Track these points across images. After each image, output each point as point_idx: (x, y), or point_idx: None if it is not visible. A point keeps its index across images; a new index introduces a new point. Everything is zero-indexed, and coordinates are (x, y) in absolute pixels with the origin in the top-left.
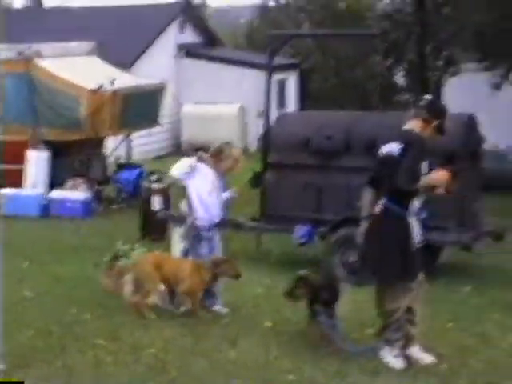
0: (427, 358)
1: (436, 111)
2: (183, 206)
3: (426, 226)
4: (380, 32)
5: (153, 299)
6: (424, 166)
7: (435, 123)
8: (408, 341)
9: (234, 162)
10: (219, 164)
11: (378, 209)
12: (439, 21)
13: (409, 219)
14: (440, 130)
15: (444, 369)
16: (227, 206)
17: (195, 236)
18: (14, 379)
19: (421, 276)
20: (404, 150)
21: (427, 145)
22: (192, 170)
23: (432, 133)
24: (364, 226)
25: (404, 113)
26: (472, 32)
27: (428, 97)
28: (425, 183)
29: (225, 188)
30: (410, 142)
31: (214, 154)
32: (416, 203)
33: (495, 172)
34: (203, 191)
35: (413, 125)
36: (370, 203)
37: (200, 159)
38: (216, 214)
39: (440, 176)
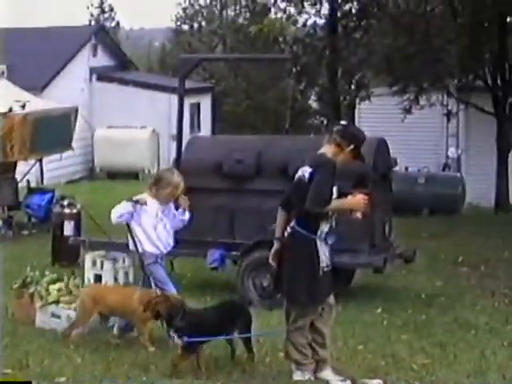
0: (339, 381)
1: (350, 137)
2: (130, 244)
3: (337, 249)
4: (291, 56)
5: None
6: (334, 189)
7: (349, 149)
8: (319, 364)
9: (173, 188)
10: (160, 192)
11: (287, 232)
12: (350, 46)
13: (317, 242)
14: (356, 155)
15: None
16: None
17: (147, 268)
18: (20, 379)
19: (331, 299)
20: (313, 174)
21: (337, 169)
22: (130, 210)
23: (347, 158)
24: (275, 247)
25: (315, 136)
26: (381, 57)
27: (343, 122)
28: (341, 206)
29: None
30: (319, 166)
31: (154, 183)
32: (324, 227)
33: (405, 194)
34: (147, 227)
35: (326, 149)
36: (282, 226)
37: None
38: (164, 245)
39: (357, 200)
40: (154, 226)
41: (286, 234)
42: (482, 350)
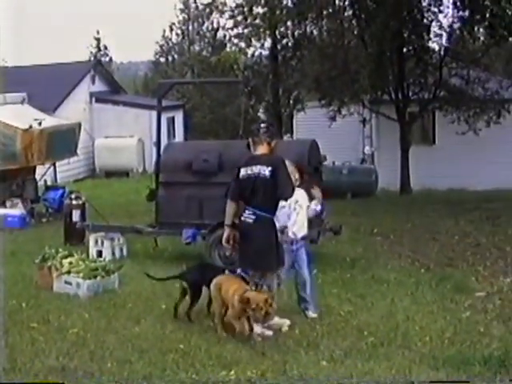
0: (286, 322)
1: (273, 134)
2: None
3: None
4: (243, 79)
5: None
6: None
7: (274, 143)
8: (268, 316)
9: None
10: None
11: (247, 217)
12: (287, 70)
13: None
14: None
15: (296, 333)
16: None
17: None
18: (52, 381)
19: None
20: (274, 171)
21: None
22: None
23: (274, 152)
24: (227, 232)
25: None
26: (312, 79)
27: (263, 124)
28: None
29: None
30: (279, 164)
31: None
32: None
33: (333, 182)
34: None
35: (264, 150)
36: (231, 214)
37: None
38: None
39: None
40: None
41: (244, 220)
42: (392, 298)
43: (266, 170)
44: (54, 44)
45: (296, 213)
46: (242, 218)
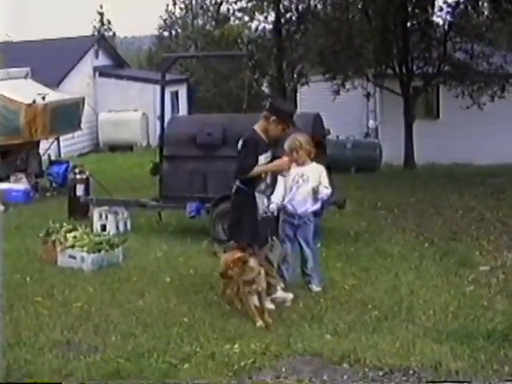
0: (289, 296)
1: (273, 109)
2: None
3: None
4: (247, 53)
5: None
6: (263, 157)
7: (272, 119)
8: (270, 288)
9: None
10: None
11: (233, 189)
12: (291, 44)
13: (255, 195)
14: (279, 122)
15: (300, 307)
16: None
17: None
18: (50, 381)
19: (273, 239)
20: (242, 147)
21: (258, 140)
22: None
23: (273, 128)
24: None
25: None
26: (316, 53)
27: (271, 100)
28: (265, 169)
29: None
30: (244, 142)
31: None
32: (261, 185)
33: (337, 156)
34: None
35: (258, 124)
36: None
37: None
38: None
39: (280, 162)
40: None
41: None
42: (396, 272)
43: (239, 145)
44: (57, 18)
45: (297, 186)
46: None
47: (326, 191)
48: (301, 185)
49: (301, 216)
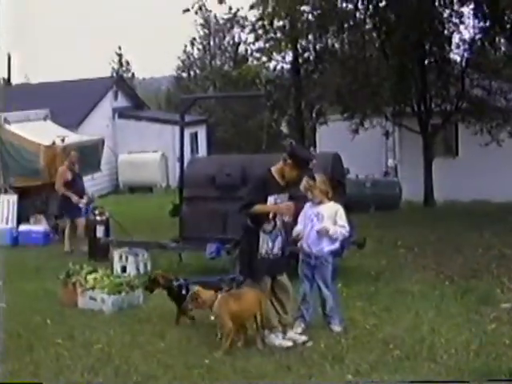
0: (301, 338)
1: (290, 153)
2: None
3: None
4: (265, 93)
5: None
6: (273, 198)
7: (289, 161)
8: (284, 327)
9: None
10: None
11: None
12: (309, 84)
13: (260, 234)
14: (294, 167)
15: (322, 347)
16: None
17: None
18: (33, 381)
19: (282, 279)
20: (250, 184)
21: (267, 180)
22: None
23: (289, 170)
24: None
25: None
26: (333, 91)
27: (291, 144)
28: (263, 210)
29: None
30: (254, 178)
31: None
32: (267, 225)
33: (356, 196)
34: None
35: (277, 165)
36: None
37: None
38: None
39: (282, 206)
40: None
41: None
42: (417, 311)
43: None
44: (75, 60)
45: (312, 225)
46: None
47: (341, 230)
48: (315, 224)
49: (317, 256)
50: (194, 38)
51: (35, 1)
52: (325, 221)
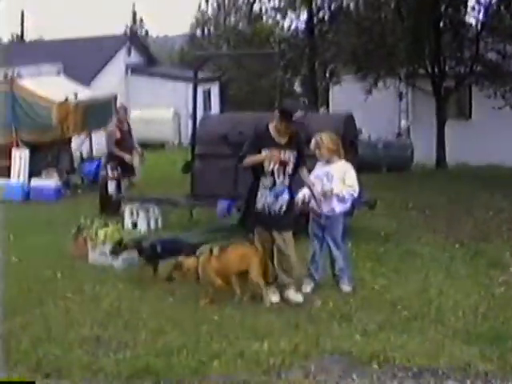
0: (299, 298)
1: (279, 107)
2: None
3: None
4: (279, 52)
5: None
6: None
7: (276, 115)
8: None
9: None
10: None
11: None
12: (323, 44)
13: (259, 188)
14: (281, 120)
15: (330, 306)
16: None
17: None
18: (24, 379)
19: (282, 235)
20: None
21: (262, 135)
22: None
23: (278, 124)
24: None
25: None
26: (348, 52)
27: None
28: (252, 161)
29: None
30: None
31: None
32: (265, 180)
33: (369, 156)
34: None
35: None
36: None
37: None
38: None
39: (266, 155)
40: None
41: None
42: (426, 273)
43: None
44: (89, 18)
45: (321, 185)
46: None
47: (347, 190)
48: (325, 183)
49: (327, 216)
50: None
51: None
52: (334, 180)
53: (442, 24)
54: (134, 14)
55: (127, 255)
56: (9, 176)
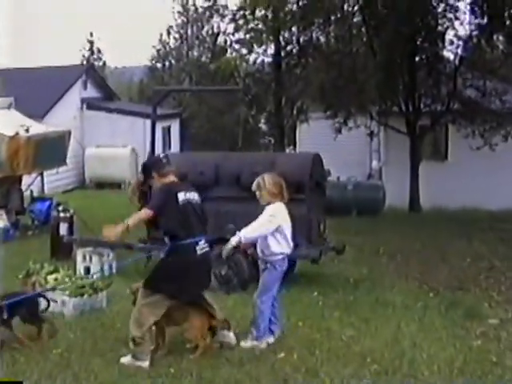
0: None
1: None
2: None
3: None
4: (244, 87)
5: None
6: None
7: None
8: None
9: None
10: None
11: (204, 247)
12: (291, 79)
13: None
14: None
15: (294, 358)
16: None
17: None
18: (13, 379)
19: None
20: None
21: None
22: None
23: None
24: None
25: (264, 153)
26: (317, 88)
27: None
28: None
29: None
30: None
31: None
32: None
33: (337, 199)
34: None
35: (174, 178)
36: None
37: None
38: None
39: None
40: None
41: (201, 251)
42: (398, 323)
43: (197, 196)
44: (43, 46)
45: (265, 228)
46: (200, 248)
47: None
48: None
49: (266, 260)
50: (171, 27)
51: None
52: (278, 223)
53: (417, 58)
54: (92, 43)
55: (78, 301)
56: None
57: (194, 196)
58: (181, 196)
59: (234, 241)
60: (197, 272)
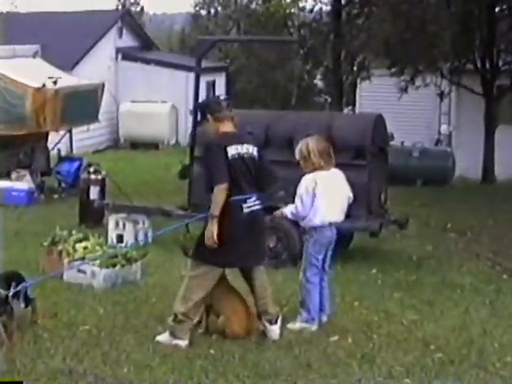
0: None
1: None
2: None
3: None
4: (299, 39)
5: None
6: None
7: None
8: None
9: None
10: None
11: (253, 204)
12: (352, 30)
13: None
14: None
15: (349, 343)
16: None
17: None
18: (12, 379)
19: None
20: (259, 152)
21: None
22: None
23: (215, 127)
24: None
25: (319, 112)
26: (381, 41)
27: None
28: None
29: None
30: (258, 145)
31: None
32: None
33: (400, 167)
34: None
35: (232, 126)
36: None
37: None
38: None
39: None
40: None
41: (251, 208)
42: (466, 307)
43: (254, 150)
44: None
45: (310, 197)
46: (247, 206)
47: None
48: (311, 196)
49: (308, 231)
50: None
51: None
52: (324, 191)
53: (497, 9)
54: None
55: (109, 273)
56: None
57: (247, 149)
58: (231, 150)
59: (285, 212)
60: (243, 234)
